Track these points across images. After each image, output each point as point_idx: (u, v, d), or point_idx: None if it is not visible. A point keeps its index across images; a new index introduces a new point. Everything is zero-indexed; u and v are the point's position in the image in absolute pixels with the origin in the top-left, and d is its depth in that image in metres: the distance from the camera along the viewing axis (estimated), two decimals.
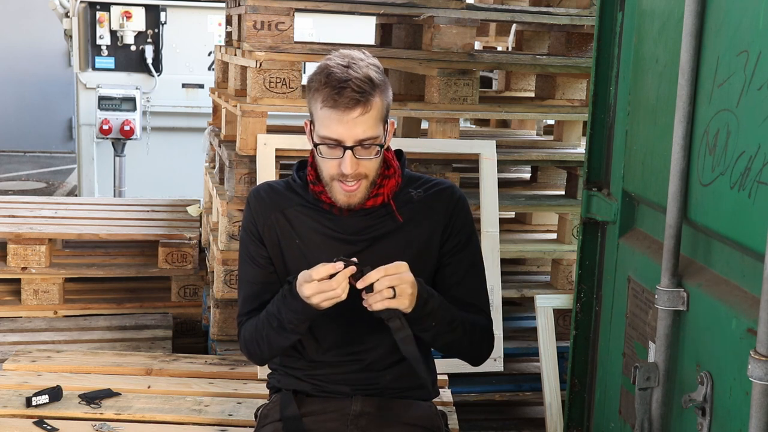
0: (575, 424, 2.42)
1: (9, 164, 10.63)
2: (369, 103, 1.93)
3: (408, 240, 2.09)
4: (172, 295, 4.24)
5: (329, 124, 1.94)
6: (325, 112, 1.93)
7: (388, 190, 2.08)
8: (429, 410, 2.21)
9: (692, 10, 1.72)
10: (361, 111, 1.92)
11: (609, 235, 2.25)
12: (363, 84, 1.91)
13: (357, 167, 1.97)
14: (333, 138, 1.94)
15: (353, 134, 1.93)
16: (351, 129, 1.93)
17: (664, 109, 1.90)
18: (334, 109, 1.92)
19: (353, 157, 1.95)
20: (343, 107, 1.91)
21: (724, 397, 1.62)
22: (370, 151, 1.97)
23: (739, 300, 1.60)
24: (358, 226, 2.08)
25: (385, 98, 1.98)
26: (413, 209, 2.11)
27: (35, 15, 11.07)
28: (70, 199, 5.69)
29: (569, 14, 3.70)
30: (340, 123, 1.92)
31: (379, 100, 1.95)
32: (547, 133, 4.57)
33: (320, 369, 2.16)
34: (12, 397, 2.77)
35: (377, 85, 1.95)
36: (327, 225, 2.09)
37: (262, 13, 3.37)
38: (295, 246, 2.11)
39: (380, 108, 1.96)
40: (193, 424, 2.69)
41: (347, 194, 2.01)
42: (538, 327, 3.27)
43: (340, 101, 1.91)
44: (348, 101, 1.91)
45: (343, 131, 1.93)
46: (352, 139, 1.94)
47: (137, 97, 6.46)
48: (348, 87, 1.90)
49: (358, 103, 1.91)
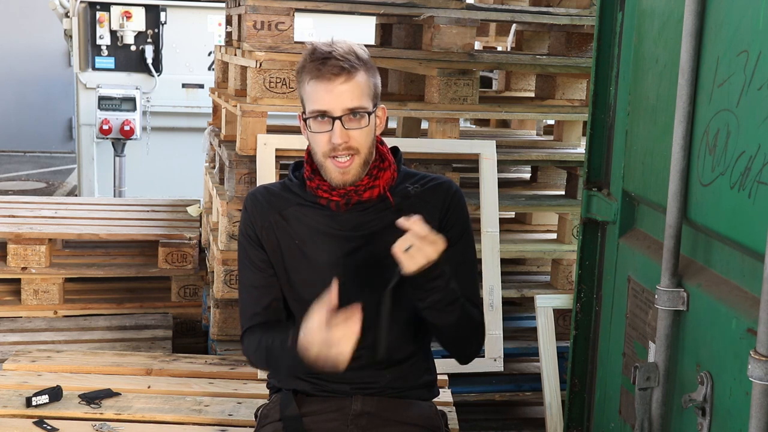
0: (575, 424, 2.42)
1: (9, 164, 10.63)
2: (353, 73, 1.96)
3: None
4: (172, 295, 4.24)
5: (316, 97, 1.97)
6: (311, 85, 1.97)
7: (384, 182, 2.08)
8: (429, 410, 2.21)
9: (692, 10, 1.72)
10: (346, 78, 1.95)
11: (609, 235, 2.25)
12: (347, 54, 1.96)
13: (347, 138, 1.97)
14: (321, 109, 1.96)
15: (340, 103, 1.95)
16: (337, 97, 1.95)
17: (664, 109, 1.90)
18: (319, 80, 1.95)
19: (342, 127, 1.96)
20: (328, 75, 1.94)
21: (724, 397, 1.62)
22: (360, 121, 1.98)
23: (739, 300, 1.60)
24: (355, 222, 2.08)
25: (371, 77, 2.01)
26: (410, 204, 2.11)
27: (35, 15, 11.07)
28: (70, 199, 5.69)
29: (569, 14, 3.70)
30: (326, 92, 1.95)
31: (364, 74, 1.98)
32: (547, 133, 4.57)
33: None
34: (12, 397, 2.77)
35: (362, 60, 1.98)
36: (325, 222, 2.09)
37: (262, 13, 3.37)
38: (294, 246, 2.11)
39: (366, 83, 1.99)
40: (193, 424, 2.69)
41: (341, 171, 2.01)
42: (538, 327, 3.27)
43: (324, 70, 1.94)
44: (332, 68, 1.94)
45: (329, 100, 1.95)
46: (340, 108, 1.96)
47: (137, 97, 6.46)
48: (332, 57, 1.95)
49: (342, 71, 1.94)
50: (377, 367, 2.13)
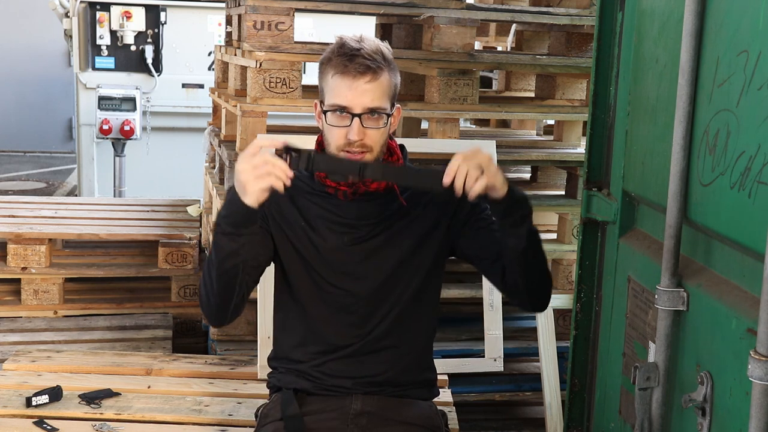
0: (575, 424, 2.42)
1: (9, 164, 10.63)
2: (378, 73, 1.98)
3: (412, 223, 2.11)
4: (172, 295, 4.24)
5: (339, 91, 1.98)
6: (335, 79, 1.98)
7: None
8: (429, 410, 2.21)
9: (692, 10, 1.72)
10: (371, 78, 1.97)
11: (609, 235, 2.25)
12: (374, 54, 1.98)
13: (363, 136, 1.99)
14: (341, 105, 1.98)
15: (362, 101, 1.97)
16: (360, 96, 1.97)
17: (664, 109, 1.90)
18: (343, 75, 1.97)
19: (360, 125, 1.98)
20: (353, 73, 1.96)
21: (724, 397, 1.62)
22: (378, 121, 2.00)
23: (739, 300, 1.60)
24: (362, 211, 2.10)
25: (393, 78, 2.03)
26: (416, 194, 2.12)
27: (35, 15, 11.07)
28: (70, 199, 5.69)
29: (569, 14, 3.70)
30: (350, 89, 1.96)
31: (388, 75, 2.00)
32: (547, 133, 4.56)
33: (323, 357, 2.16)
34: (12, 397, 2.77)
35: (388, 61, 2.01)
36: (332, 210, 2.11)
37: (262, 13, 3.37)
38: (300, 228, 2.11)
39: (389, 84, 2.01)
40: (193, 424, 2.69)
41: None
42: (538, 327, 3.28)
43: (350, 66, 1.96)
44: (358, 66, 1.96)
45: (352, 97, 1.97)
46: (361, 107, 1.97)
47: (137, 97, 6.46)
48: (360, 55, 1.96)
49: (368, 70, 1.96)
50: (379, 360, 2.13)
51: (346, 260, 2.10)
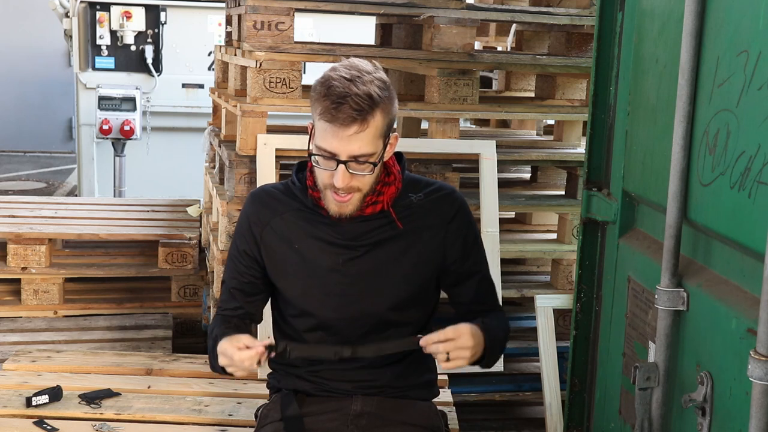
0: (575, 424, 2.42)
1: (9, 164, 10.63)
2: (366, 122, 1.90)
3: (407, 246, 2.10)
4: (172, 295, 4.24)
5: (325, 137, 1.93)
6: (322, 124, 1.93)
7: (388, 197, 2.07)
8: (429, 410, 2.21)
9: (692, 10, 1.72)
10: (357, 129, 1.90)
11: (609, 235, 2.25)
12: (362, 102, 1.88)
13: (349, 181, 1.96)
14: (328, 150, 1.93)
15: (348, 150, 1.92)
16: (346, 145, 1.92)
17: (664, 109, 1.90)
18: (330, 123, 1.90)
19: (346, 172, 1.94)
20: (340, 123, 1.89)
21: (724, 397, 1.62)
22: (364, 167, 1.96)
23: (739, 300, 1.60)
24: (356, 232, 2.08)
25: (386, 115, 1.95)
26: (413, 214, 2.10)
27: (35, 15, 11.07)
28: (70, 199, 5.69)
29: (569, 14, 3.70)
30: (335, 137, 1.91)
31: (379, 117, 1.92)
32: (547, 133, 4.56)
33: (322, 365, 2.15)
34: (12, 397, 2.76)
35: (377, 103, 1.91)
36: (326, 230, 2.09)
37: (262, 13, 3.37)
38: (294, 251, 2.10)
39: (380, 125, 1.94)
40: (193, 424, 2.69)
41: (339, 204, 2.01)
42: (538, 327, 3.27)
43: (337, 116, 1.89)
44: (345, 118, 1.89)
45: (338, 146, 1.92)
46: (346, 154, 1.93)
47: (137, 97, 6.46)
48: (346, 104, 1.88)
49: (354, 121, 1.89)
50: (378, 364, 2.14)
51: (340, 280, 2.09)
